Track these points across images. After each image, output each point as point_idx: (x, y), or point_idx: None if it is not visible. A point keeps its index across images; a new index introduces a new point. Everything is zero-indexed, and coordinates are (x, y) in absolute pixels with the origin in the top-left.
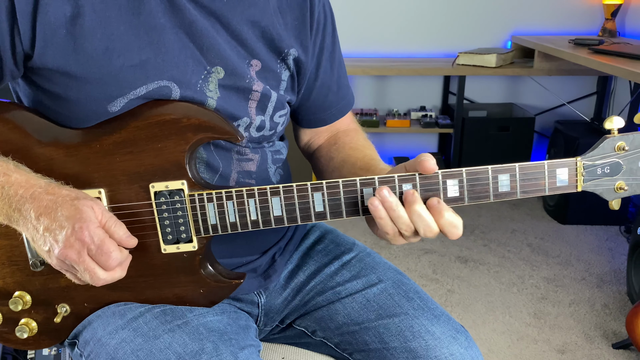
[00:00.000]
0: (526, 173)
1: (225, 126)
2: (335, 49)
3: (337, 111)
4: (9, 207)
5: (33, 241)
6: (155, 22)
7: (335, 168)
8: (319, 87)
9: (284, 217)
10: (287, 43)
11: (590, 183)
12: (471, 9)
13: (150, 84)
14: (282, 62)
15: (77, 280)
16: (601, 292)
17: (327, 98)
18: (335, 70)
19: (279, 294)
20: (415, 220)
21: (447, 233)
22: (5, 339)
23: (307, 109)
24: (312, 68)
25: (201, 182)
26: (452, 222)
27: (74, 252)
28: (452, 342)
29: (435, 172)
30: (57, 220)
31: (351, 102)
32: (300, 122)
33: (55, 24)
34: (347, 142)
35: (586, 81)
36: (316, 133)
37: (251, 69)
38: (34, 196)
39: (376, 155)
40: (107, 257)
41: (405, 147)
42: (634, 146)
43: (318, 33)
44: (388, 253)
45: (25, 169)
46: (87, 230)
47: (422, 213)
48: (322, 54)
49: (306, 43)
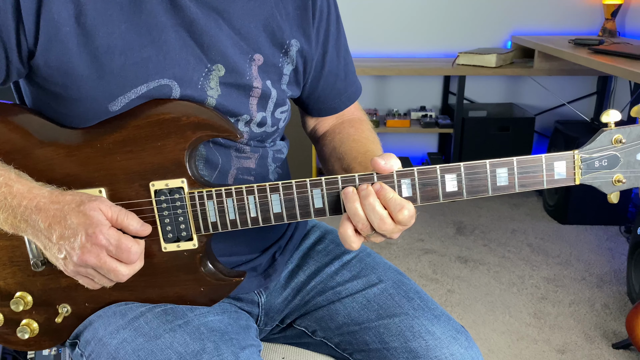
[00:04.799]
0: (524, 167)
1: (224, 124)
2: (340, 36)
3: (346, 98)
4: (14, 218)
5: (45, 249)
6: (156, 21)
7: (337, 160)
8: (327, 74)
9: (284, 213)
10: (288, 34)
11: (588, 176)
12: (471, 9)
13: (151, 82)
14: (284, 55)
15: (92, 284)
16: (601, 292)
17: (335, 85)
18: (342, 57)
19: (279, 294)
20: (368, 214)
21: (394, 212)
22: (6, 340)
23: (317, 98)
24: (319, 56)
25: (201, 180)
26: (397, 202)
27: (92, 256)
28: (452, 342)
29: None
30: (69, 228)
31: (359, 89)
32: (310, 111)
33: (59, 21)
34: (351, 133)
35: (586, 81)
36: (322, 119)
37: (253, 64)
38: (39, 207)
39: (378, 152)
40: (127, 253)
41: (406, 147)
42: (631, 139)
43: (322, 21)
44: (388, 253)
45: (27, 178)
46: (101, 233)
47: (375, 206)
48: (328, 42)
49: (309, 32)
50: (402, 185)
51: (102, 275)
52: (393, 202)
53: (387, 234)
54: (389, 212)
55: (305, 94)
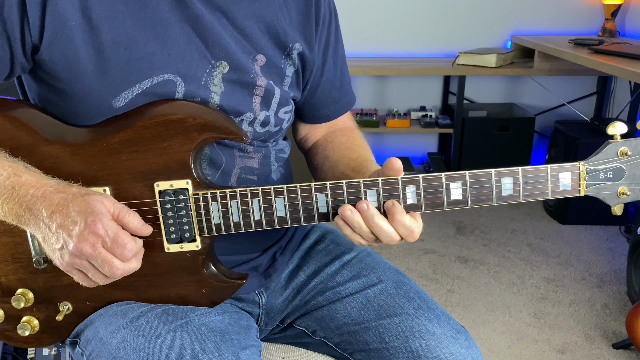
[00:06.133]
0: (529, 177)
1: (230, 126)
2: (338, 46)
3: (341, 107)
4: (19, 207)
5: (44, 241)
6: (161, 16)
7: (330, 168)
8: (324, 83)
9: (288, 217)
10: (291, 38)
11: (593, 188)
12: (471, 9)
13: (155, 77)
14: (286, 58)
15: (87, 280)
16: (601, 292)
17: (330, 94)
18: (339, 66)
19: (279, 294)
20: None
21: (403, 236)
22: (6, 336)
23: (312, 105)
24: (319, 64)
25: (205, 182)
26: (406, 226)
27: (88, 245)
28: (452, 342)
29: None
30: (69, 217)
31: (353, 99)
32: (304, 118)
33: (64, 16)
34: (343, 141)
35: (586, 81)
36: (314, 128)
37: (256, 64)
38: (44, 195)
39: (370, 156)
40: (122, 248)
41: (405, 147)
42: (637, 152)
43: (324, 29)
44: (388, 253)
45: (36, 170)
46: (100, 222)
47: (381, 225)
48: (328, 50)
49: (310, 38)
50: (407, 193)
51: (96, 269)
52: (401, 226)
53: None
54: (399, 235)
55: (302, 100)
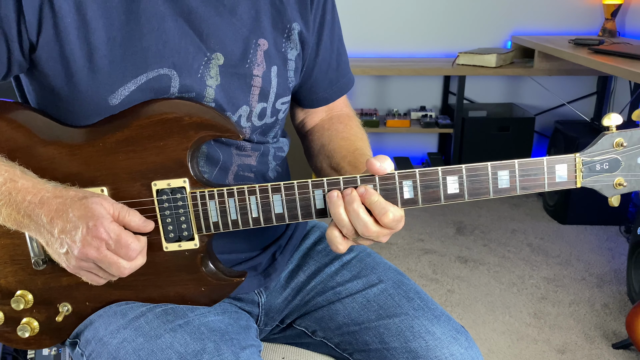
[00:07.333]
0: (525, 169)
1: (226, 124)
2: (334, 25)
3: (338, 89)
4: (17, 214)
5: (47, 245)
6: (155, 10)
7: (326, 157)
8: (320, 63)
9: (285, 214)
10: (289, 17)
11: (590, 179)
12: (471, 9)
13: (150, 72)
14: (287, 40)
15: (96, 279)
16: (601, 292)
17: (327, 75)
18: (335, 46)
19: (279, 294)
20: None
21: (378, 217)
22: (6, 338)
23: (309, 87)
24: (313, 44)
25: (203, 180)
26: (382, 206)
27: (93, 249)
28: (452, 342)
29: (391, 173)
30: (70, 222)
31: (352, 81)
32: (301, 102)
33: (60, 13)
34: (340, 130)
35: (586, 81)
36: (312, 112)
37: (259, 49)
38: (42, 201)
39: (367, 150)
40: (126, 249)
41: (405, 147)
42: (632, 142)
43: (318, 7)
44: (388, 253)
45: (32, 175)
46: (102, 226)
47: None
48: (323, 30)
49: (307, 17)
50: (403, 187)
51: (104, 270)
52: (377, 206)
53: (373, 238)
54: (374, 215)
55: (299, 83)
